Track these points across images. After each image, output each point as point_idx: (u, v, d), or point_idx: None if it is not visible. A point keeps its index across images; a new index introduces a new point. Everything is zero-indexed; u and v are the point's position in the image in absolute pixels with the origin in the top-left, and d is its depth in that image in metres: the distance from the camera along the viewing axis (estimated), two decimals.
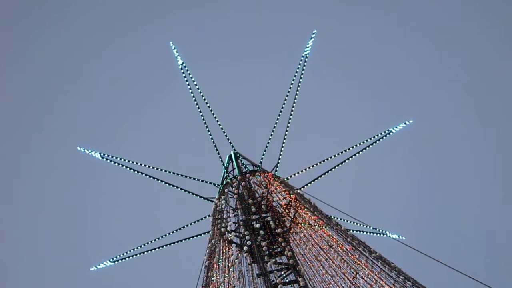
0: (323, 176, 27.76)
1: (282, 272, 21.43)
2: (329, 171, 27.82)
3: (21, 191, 57.55)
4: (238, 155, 27.74)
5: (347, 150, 27.98)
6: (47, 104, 58.28)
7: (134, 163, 27.57)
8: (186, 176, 26.97)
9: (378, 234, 29.26)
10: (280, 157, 27.30)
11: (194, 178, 27.03)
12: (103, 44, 59.16)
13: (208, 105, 27.53)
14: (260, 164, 27.21)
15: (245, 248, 22.20)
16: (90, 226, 56.09)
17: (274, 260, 21.79)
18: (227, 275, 21.63)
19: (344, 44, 58.20)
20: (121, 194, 56.31)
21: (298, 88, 27.85)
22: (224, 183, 26.62)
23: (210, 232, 24.76)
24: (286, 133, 27.47)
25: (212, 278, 21.62)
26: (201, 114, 27.46)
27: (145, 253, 28.10)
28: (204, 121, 27.34)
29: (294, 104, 27.70)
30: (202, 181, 27.18)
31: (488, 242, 53.80)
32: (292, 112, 27.61)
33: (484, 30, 58.02)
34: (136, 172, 27.62)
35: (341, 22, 58.34)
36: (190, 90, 27.66)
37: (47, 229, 55.88)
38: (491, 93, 57.73)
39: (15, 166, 57.86)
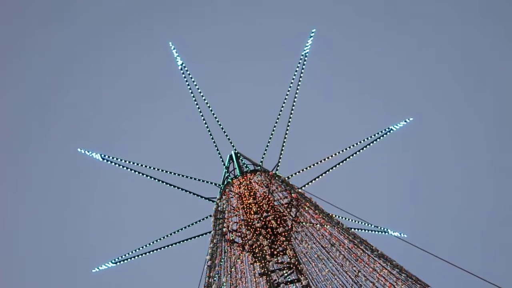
0: (324, 175, 27.78)
1: (284, 271, 21.42)
2: (330, 170, 27.84)
3: (23, 193, 57.62)
4: (238, 154, 27.77)
5: (348, 148, 28.02)
6: (48, 106, 58.34)
7: (135, 164, 27.62)
8: (187, 177, 27.02)
9: (380, 232, 29.28)
10: (281, 156, 27.33)
11: (195, 178, 27.06)
12: (104, 45, 59.21)
13: (208, 105, 27.58)
14: (261, 164, 27.23)
15: (246, 247, 22.21)
16: (92, 228, 56.13)
17: (276, 259, 21.79)
18: (229, 275, 21.64)
19: (343, 44, 58.30)
20: (122, 195, 56.33)
21: (298, 87, 27.87)
22: (225, 183, 26.63)
23: (211, 232, 24.75)
24: (287, 132, 27.50)
25: (215, 278, 21.60)
26: (201, 114, 27.54)
27: (147, 254, 28.11)
28: (204, 121, 27.42)
29: (294, 103, 27.73)
30: (203, 181, 27.22)
31: (489, 239, 53.87)
32: (292, 111, 27.64)
33: (482, 29, 58.08)
34: (136, 173, 27.66)
35: (340, 22, 58.39)
36: (190, 90, 27.72)
37: (49, 231, 55.97)
38: (489, 92, 57.84)
39: (17, 168, 57.96)
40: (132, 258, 28.19)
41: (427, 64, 58.77)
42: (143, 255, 28.05)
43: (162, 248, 27.88)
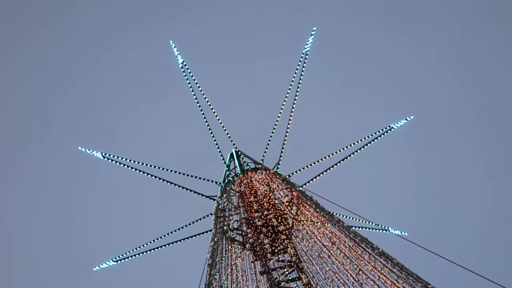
0: (324, 173, 27.77)
1: (285, 269, 21.41)
2: (331, 168, 27.84)
3: (23, 193, 57.65)
4: (239, 153, 27.77)
5: (349, 146, 28.02)
6: (48, 106, 58.37)
7: (136, 162, 27.62)
8: (188, 175, 27.02)
9: (381, 230, 29.28)
10: (282, 154, 27.34)
11: (196, 177, 27.07)
12: (104, 45, 59.23)
13: (209, 103, 27.56)
14: (261, 162, 27.22)
15: (247, 246, 22.20)
16: (92, 226, 56.18)
17: (277, 257, 21.78)
18: (230, 273, 21.63)
19: (344, 43, 58.38)
20: (123, 193, 56.39)
21: (299, 86, 27.88)
22: (226, 181, 26.64)
23: (212, 231, 24.75)
24: (287, 130, 27.51)
25: (215, 276, 21.61)
26: (202, 112, 27.51)
27: (148, 252, 28.10)
28: (205, 120, 27.40)
29: (295, 102, 27.74)
30: (204, 179, 27.21)
31: (490, 237, 53.90)
32: (293, 110, 27.63)
33: (483, 29, 58.09)
34: (137, 171, 27.65)
35: (340, 21, 58.42)
36: (191, 89, 27.71)
37: (49, 230, 56.01)
38: (489, 91, 57.90)
39: (17, 168, 58.00)
40: (133, 257, 28.20)
41: (427, 63, 58.86)
42: (144, 253, 28.07)
43: (163, 247, 27.89)
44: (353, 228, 24.46)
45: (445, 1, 58.45)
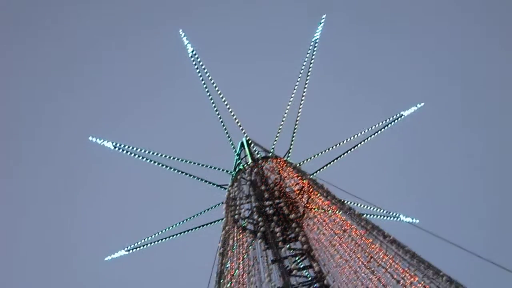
0: (335, 161, 27.73)
1: (297, 258, 21.48)
2: (342, 156, 27.78)
3: (35, 182, 58.07)
4: (250, 141, 27.71)
5: (359, 134, 27.94)
6: (57, 97, 58.62)
7: (147, 152, 27.65)
8: (199, 164, 27.04)
9: (392, 218, 29.19)
10: (292, 142, 27.32)
11: (207, 166, 27.10)
12: (115, 33, 59.30)
13: (219, 92, 27.47)
14: (272, 150, 27.21)
15: (259, 234, 22.25)
16: (104, 216, 56.48)
17: (288, 246, 21.83)
18: (241, 262, 21.70)
19: (354, 32, 58.21)
20: (134, 183, 56.51)
21: (309, 74, 27.78)
22: (237, 170, 26.67)
23: (223, 219, 24.82)
24: (298, 118, 27.45)
25: (227, 265, 21.69)
26: (212, 101, 27.41)
27: (159, 241, 28.22)
28: (215, 109, 27.33)
29: (305, 90, 27.67)
30: (215, 168, 27.24)
31: (504, 224, 53.72)
32: (303, 98, 27.58)
33: (484, 25, 57.81)
34: (148, 161, 27.71)
35: (350, 12, 58.19)
36: (201, 78, 27.63)
37: (62, 220, 56.42)
38: (491, 88, 57.73)
39: (26, 158, 58.44)
40: (145, 246, 28.33)
41: (433, 56, 58.65)
42: (155, 243, 28.19)
43: (175, 236, 27.97)
44: (364, 215, 24.40)
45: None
